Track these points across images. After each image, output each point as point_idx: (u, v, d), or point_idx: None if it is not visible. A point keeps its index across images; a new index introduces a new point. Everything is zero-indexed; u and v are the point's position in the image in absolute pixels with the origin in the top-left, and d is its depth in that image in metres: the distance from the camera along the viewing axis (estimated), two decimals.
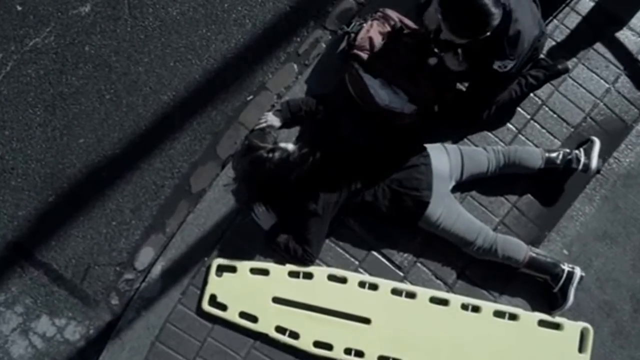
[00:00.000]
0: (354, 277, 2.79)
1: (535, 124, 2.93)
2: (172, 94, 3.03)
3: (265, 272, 2.80)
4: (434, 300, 2.78)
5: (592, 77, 2.95)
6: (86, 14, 3.04)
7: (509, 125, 2.92)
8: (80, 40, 3.04)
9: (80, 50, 3.03)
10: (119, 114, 3.02)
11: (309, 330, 2.75)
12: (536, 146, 2.89)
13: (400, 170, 2.68)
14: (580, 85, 2.95)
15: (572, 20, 2.97)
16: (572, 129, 2.93)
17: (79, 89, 3.02)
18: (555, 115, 2.94)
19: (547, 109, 2.94)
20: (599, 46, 2.97)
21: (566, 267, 2.74)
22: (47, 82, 3.02)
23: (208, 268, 2.82)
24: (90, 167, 2.99)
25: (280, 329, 2.76)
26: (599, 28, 2.97)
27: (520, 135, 2.92)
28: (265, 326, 2.76)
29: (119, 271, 2.95)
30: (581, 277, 2.75)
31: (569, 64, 2.87)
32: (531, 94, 2.89)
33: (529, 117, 2.93)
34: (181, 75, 3.03)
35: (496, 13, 2.23)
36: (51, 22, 3.04)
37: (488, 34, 2.28)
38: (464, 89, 2.83)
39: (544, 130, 2.93)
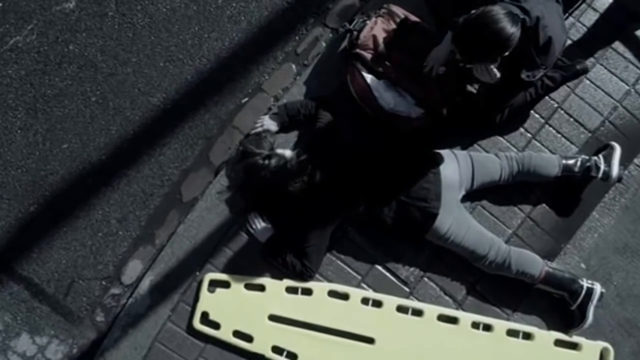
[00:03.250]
0: (356, 294, 2.73)
1: (551, 128, 2.85)
2: (162, 96, 2.98)
3: (261, 287, 2.74)
4: (442, 318, 2.72)
5: (611, 78, 2.88)
6: (70, 10, 3.01)
7: (522, 129, 2.85)
8: (64, 38, 2.98)
9: (64, 50, 2.98)
10: (105, 117, 2.96)
11: (308, 351, 2.68)
12: (552, 152, 2.83)
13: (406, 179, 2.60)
14: (599, 86, 2.87)
15: (590, 18, 2.91)
16: (590, 134, 2.85)
17: (63, 91, 2.96)
18: (571, 119, 2.86)
19: (563, 112, 2.86)
20: (618, 45, 2.90)
21: (585, 284, 2.67)
22: (29, 83, 2.96)
23: (200, 283, 2.76)
24: (75, 174, 2.93)
25: (277, 349, 2.69)
26: (618, 26, 2.90)
27: (534, 141, 2.84)
28: (261, 346, 2.69)
29: (104, 286, 2.89)
30: (601, 294, 2.67)
31: (587, 64, 2.79)
32: (546, 97, 2.82)
33: (543, 121, 2.86)
34: (172, 76, 2.98)
35: (515, 32, 2.19)
36: (33, 20, 3.00)
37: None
38: (474, 91, 2.75)
39: (559, 135, 2.85)
